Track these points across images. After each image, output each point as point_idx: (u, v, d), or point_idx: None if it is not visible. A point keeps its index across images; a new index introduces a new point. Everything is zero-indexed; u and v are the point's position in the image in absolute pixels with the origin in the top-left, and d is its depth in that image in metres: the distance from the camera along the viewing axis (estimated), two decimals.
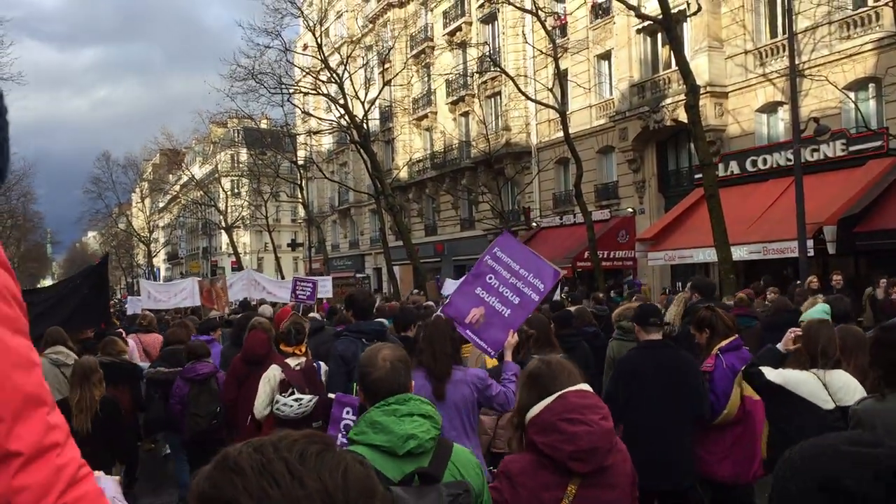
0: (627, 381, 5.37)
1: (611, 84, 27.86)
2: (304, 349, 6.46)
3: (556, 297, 14.63)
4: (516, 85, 25.43)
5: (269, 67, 31.02)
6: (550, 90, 25.22)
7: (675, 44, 16.56)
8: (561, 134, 24.53)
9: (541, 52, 26.90)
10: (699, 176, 18.58)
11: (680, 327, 8.27)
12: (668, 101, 23.86)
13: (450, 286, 17.12)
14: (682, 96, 18.24)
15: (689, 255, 20.97)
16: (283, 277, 44.47)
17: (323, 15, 35.21)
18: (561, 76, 24.24)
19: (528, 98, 26.70)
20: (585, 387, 3.05)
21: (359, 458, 1.16)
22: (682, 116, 19.66)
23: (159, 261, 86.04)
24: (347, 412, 4.84)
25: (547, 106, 25.72)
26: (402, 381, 2.96)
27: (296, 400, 5.85)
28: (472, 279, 5.84)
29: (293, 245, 55.10)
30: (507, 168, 32.24)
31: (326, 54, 31.39)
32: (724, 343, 5.82)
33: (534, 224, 31.95)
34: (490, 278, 5.73)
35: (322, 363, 6.35)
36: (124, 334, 9.84)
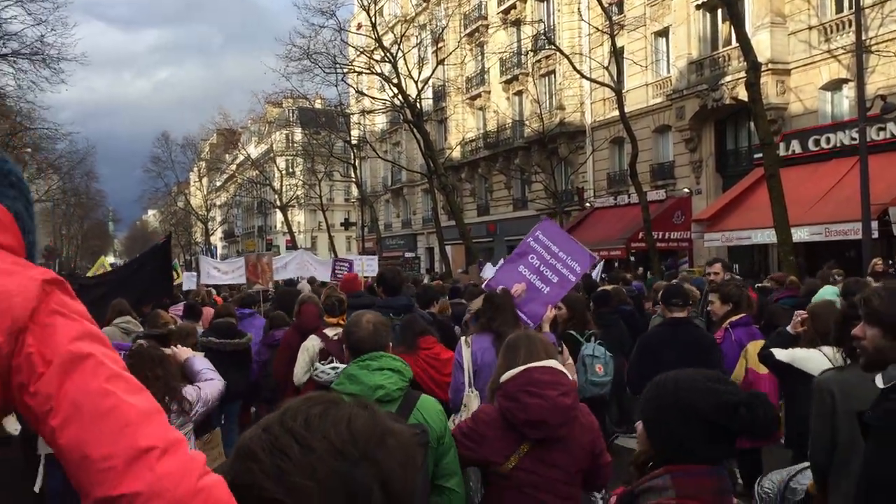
0: (649, 355, 5.86)
1: (668, 62, 27.28)
2: (345, 319, 6.60)
3: (596, 276, 14.99)
4: (571, 63, 25.08)
5: (323, 47, 31.18)
6: (606, 68, 24.82)
7: (736, 19, 16.10)
8: (616, 113, 24.16)
9: (597, 29, 26.46)
10: (759, 155, 18.12)
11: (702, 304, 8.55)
12: (728, 78, 23.26)
13: (489, 270, 17.41)
14: (743, 74, 17.77)
15: (746, 237, 20.49)
16: (335, 256, 45.00)
17: None
18: (617, 54, 23.81)
19: (582, 76, 26.32)
20: (552, 363, 3.43)
21: (363, 403, 1.22)
22: (742, 94, 19.17)
23: (216, 239, 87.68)
24: None
25: (602, 84, 25.32)
26: (381, 342, 3.49)
27: (332, 368, 6.08)
28: (516, 258, 6.49)
29: (346, 224, 55.49)
30: (561, 147, 31.90)
31: (380, 33, 31.39)
32: (734, 318, 6.45)
33: (587, 204, 31.60)
34: (532, 258, 6.34)
35: None
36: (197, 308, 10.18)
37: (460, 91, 40.60)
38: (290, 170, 61.71)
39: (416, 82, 29.91)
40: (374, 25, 30.48)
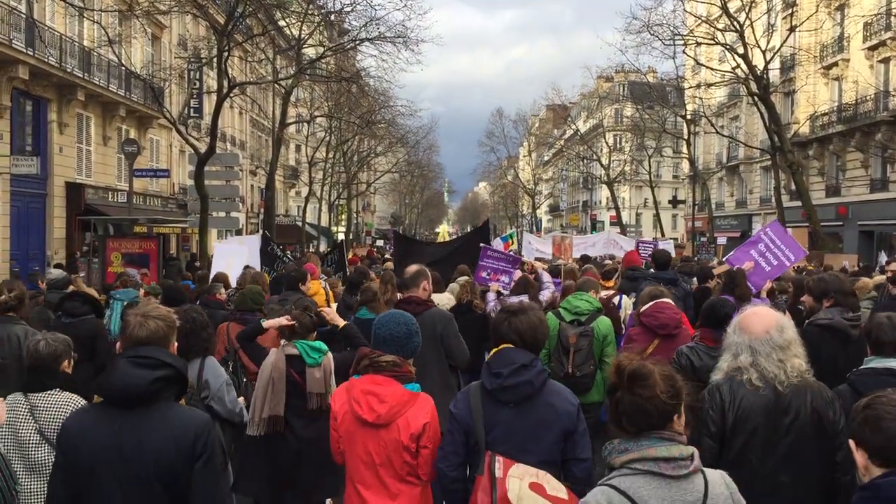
0: None
1: None
2: (614, 283, 9.86)
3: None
4: None
5: (663, 18, 30.15)
6: None
7: None
8: None
9: None
10: None
11: None
12: None
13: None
14: None
15: None
16: (662, 234, 43.96)
17: None
18: None
19: None
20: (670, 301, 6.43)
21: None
22: None
23: (541, 212, 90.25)
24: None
25: None
26: (587, 287, 7.28)
27: None
28: (750, 244, 9.43)
29: (674, 202, 53.84)
30: None
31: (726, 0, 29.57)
32: None
33: None
34: (760, 245, 9.18)
35: None
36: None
37: (813, 60, 37.02)
38: (619, 145, 61.26)
39: (763, 52, 27.78)
40: None
